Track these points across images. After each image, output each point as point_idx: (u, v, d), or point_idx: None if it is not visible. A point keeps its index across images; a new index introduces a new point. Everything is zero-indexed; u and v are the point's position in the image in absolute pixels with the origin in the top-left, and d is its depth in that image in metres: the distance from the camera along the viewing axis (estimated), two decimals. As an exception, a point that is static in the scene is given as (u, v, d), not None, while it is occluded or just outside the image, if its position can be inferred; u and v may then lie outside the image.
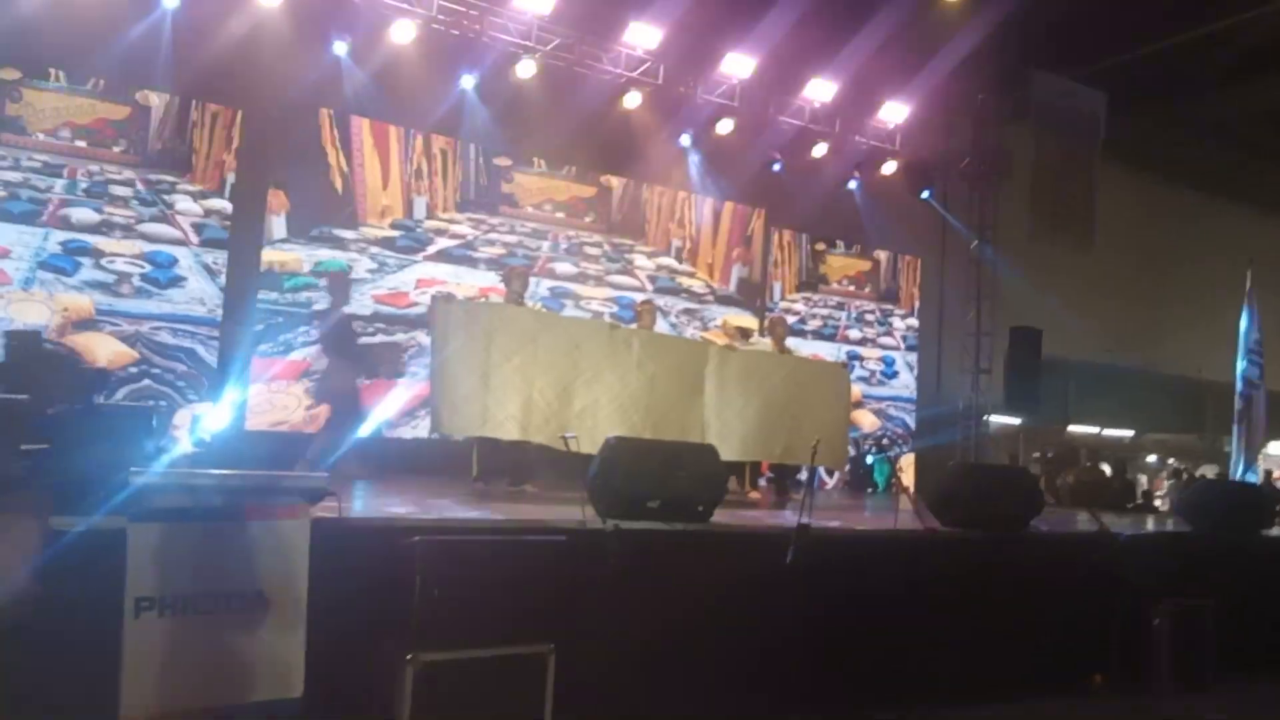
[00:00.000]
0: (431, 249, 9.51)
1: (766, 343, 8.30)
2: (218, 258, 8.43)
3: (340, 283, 9.00)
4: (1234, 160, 15.67)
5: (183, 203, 8.34)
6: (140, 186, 8.17)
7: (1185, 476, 12.31)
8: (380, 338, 9.14)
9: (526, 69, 9.57)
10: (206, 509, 3.40)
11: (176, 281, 8.25)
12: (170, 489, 3.54)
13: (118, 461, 3.46)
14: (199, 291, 8.33)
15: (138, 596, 3.28)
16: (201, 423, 7.22)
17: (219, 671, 3.09)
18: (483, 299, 8.31)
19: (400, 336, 9.25)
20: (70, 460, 3.32)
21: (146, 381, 7.97)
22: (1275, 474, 12.99)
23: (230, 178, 8.54)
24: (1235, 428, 10.44)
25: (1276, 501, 8.06)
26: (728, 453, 6.74)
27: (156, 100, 8.28)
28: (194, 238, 8.35)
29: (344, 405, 8.61)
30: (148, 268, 8.14)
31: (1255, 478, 10.36)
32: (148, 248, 8.16)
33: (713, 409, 7.09)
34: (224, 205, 8.50)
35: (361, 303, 9.10)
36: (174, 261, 8.25)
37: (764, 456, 7.72)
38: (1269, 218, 17.35)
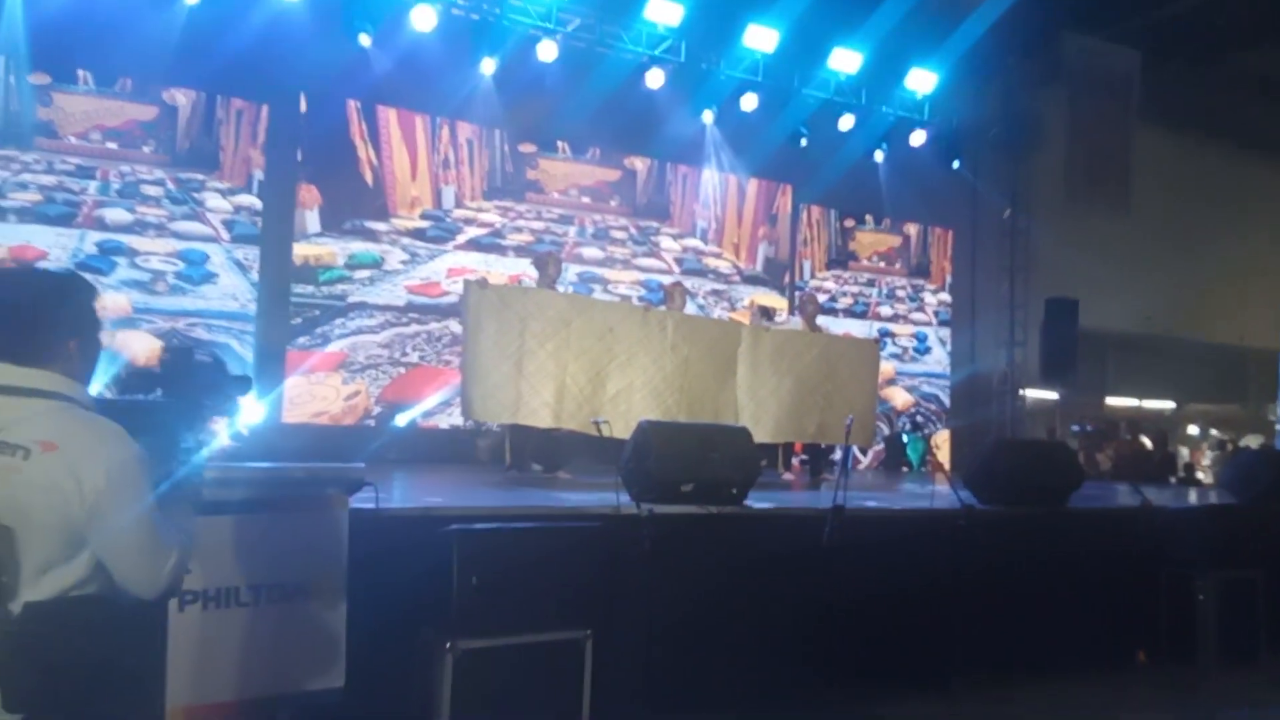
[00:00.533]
0: (461, 238, 9.54)
1: (798, 321, 8.24)
2: (249, 253, 8.52)
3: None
4: (1272, 116, 15.20)
5: (213, 200, 8.43)
6: (170, 185, 8.26)
7: (1230, 447, 12.06)
8: (414, 327, 9.21)
9: (548, 51, 9.51)
10: (246, 501, 3.45)
11: (209, 278, 8.36)
12: (211, 483, 3.60)
13: (163, 454, 3.51)
14: (231, 287, 8.43)
15: (182, 590, 3.35)
16: (239, 416, 7.31)
17: (262, 663, 3.14)
18: (515, 284, 8.31)
19: (434, 325, 9.31)
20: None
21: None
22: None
23: (257, 174, 8.61)
24: (1280, 395, 10.20)
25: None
26: (762, 434, 6.86)
27: (183, 99, 8.35)
28: (225, 234, 8.44)
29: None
30: (181, 265, 8.25)
31: None
32: (180, 246, 8.26)
33: (746, 390, 7.08)
34: (253, 201, 8.58)
35: (394, 293, 9.16)
36: (206, 258, 8.35)
37: (798, 437, 7.70)
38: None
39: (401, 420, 8.89)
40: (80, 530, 1.68)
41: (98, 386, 1.92)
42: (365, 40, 8.73)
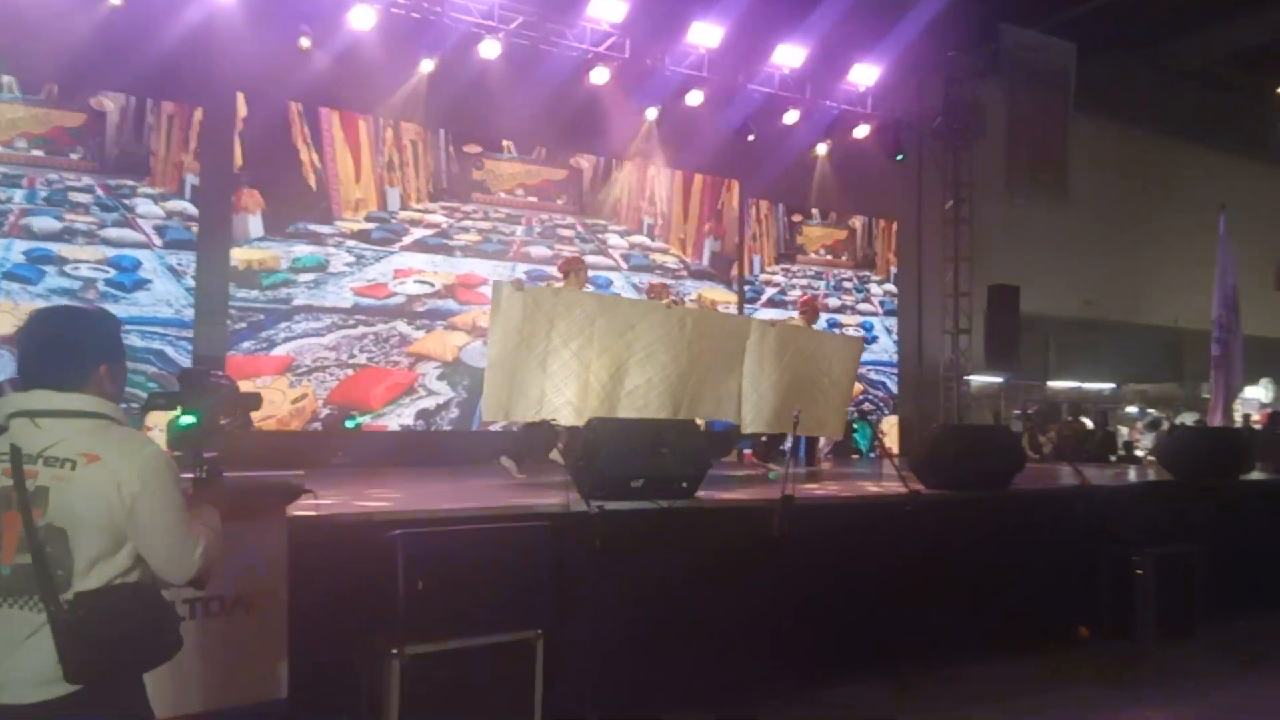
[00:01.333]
0: (407, 239, 9.42)
1: (798, 321, 8.42)
2: (182, 259, 8.33)
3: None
4: (1204, 104, 15.69)
5: (144, 206, 8.21)
6: (100, 192, 8.03)
7: (1167, 425, 12.42)
8: (361, 329, 9.09)
9: (490, 49, 9.43)
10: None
11: (142, 284, 8.14)
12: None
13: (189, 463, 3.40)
14: (164, 293, 8.22)
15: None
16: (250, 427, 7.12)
17: (200, 677, 3.07)
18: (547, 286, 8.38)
19: (381, 327, 9.20)
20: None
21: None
22: (1254, 418, 13.12)
23: (190, 178, 8.41)
24: (1213, 374, 10.53)
25: (1255, 446, 8.15)
26: (761, 424, 7.40)
27: (111, 104, 8.12)
28: (157, 240, 8.24)
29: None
30: (112, 272, 8.02)
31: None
32: (111, 253, 8.03)
33: (750, 381, 7.34)
34: (185, 206, 8.38)
35: (341, 296, 9.02)
36: (138, 265, 8.13)
37: (787, 428, 7.98)
38: (1241, 161, 17.41)
39: (349, 423, 8.78)
40: (121, 527, 1.98)
41: None
42: (305, 44, 8.57)
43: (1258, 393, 17.13)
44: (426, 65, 9.27)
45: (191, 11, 8.09)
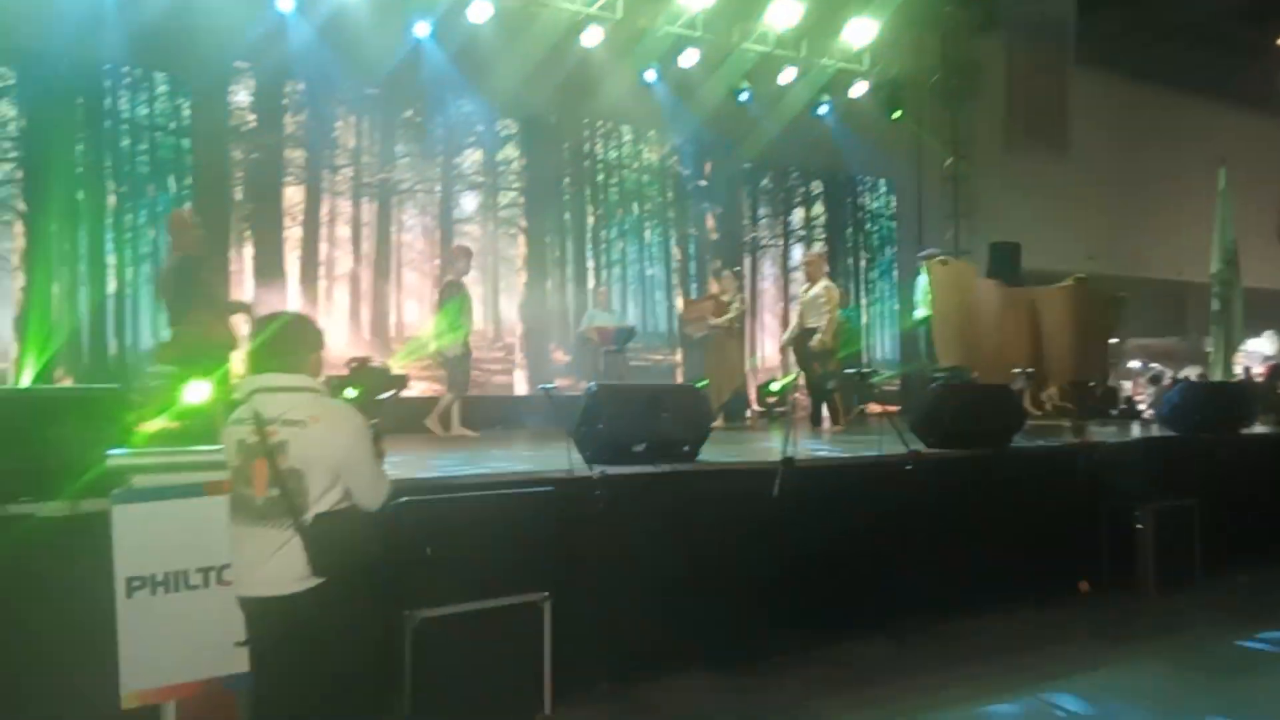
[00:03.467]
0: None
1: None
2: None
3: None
4: (1204, 57, 15.49)
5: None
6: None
7: (1168, 380, 12.42)
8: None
9: (482, 11, 9.30)
10: (192, 485, 3.41)
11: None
12: (150, 469, 3.56)
13: (92, 442, 3.46)
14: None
15: (129, 576, 3.31)
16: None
17: (215, 644, 3.12)
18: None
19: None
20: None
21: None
22: (1255, 371, 13.12)
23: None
24: (1213, 329, 10.53)
25: (1256, 399, 8.17)
26: (1055, 379, 9.38)
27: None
28: None
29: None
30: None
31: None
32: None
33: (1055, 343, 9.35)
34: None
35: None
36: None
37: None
38: (1240, 114, 17.23)
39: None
40: (337, 469, 2.72)
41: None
42: (287, 5, 8.44)
43: (1261, 345, 17.10)
44: (421, 29, 9.13)
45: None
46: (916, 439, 5.76)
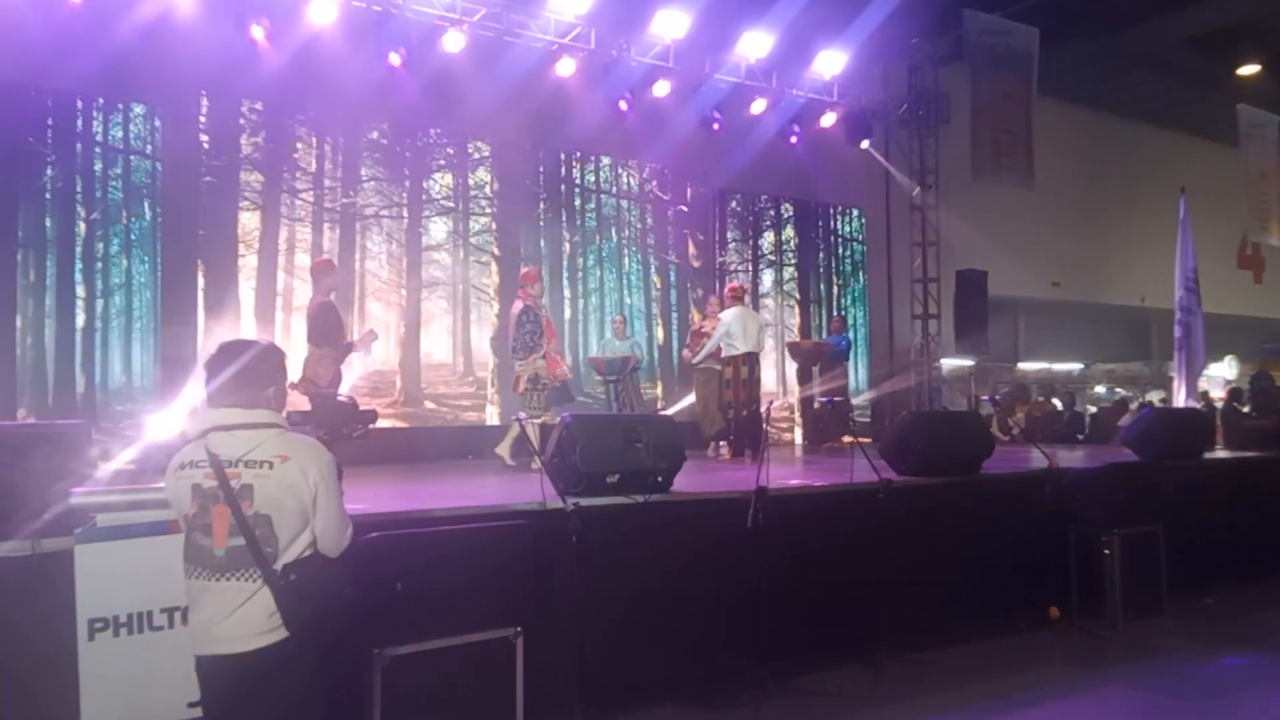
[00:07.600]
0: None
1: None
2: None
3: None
4: (1165, 88, 15.92)
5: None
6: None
7: (1136, 405, 12.63)
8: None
9: (454, 42, 9.34)
10: (155, 524, 3.35)
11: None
12: (114, 507, 3.49)
13: (54, 479, 3.39)
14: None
15: (90, 618, 3.24)
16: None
17: (177, 687, 3.06)
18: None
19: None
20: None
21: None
22: (1215, 396, 13.38)
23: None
24: (1176, 355, 10.72)
25: (1215, 426, 8.31)
26: None
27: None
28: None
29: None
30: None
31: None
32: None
33: None
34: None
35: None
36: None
37: None
38: (1200, 143, 17.70)
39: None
40: (308, 511, 2.52)
41: None
42: (258, 34, 8.40)
43: (1222, 369, 17.46)
44: (394, 59, 9.13)
45: (147, 6, 7.91)
46: (888, 465, 5.80)
